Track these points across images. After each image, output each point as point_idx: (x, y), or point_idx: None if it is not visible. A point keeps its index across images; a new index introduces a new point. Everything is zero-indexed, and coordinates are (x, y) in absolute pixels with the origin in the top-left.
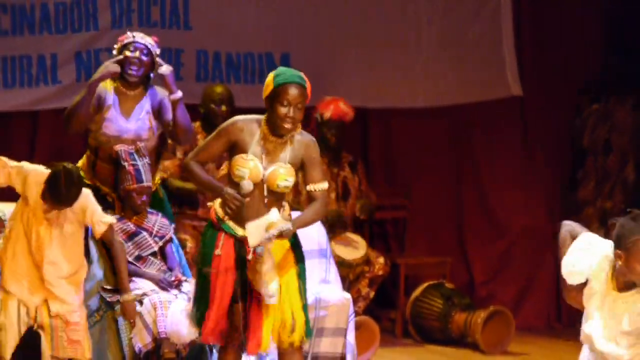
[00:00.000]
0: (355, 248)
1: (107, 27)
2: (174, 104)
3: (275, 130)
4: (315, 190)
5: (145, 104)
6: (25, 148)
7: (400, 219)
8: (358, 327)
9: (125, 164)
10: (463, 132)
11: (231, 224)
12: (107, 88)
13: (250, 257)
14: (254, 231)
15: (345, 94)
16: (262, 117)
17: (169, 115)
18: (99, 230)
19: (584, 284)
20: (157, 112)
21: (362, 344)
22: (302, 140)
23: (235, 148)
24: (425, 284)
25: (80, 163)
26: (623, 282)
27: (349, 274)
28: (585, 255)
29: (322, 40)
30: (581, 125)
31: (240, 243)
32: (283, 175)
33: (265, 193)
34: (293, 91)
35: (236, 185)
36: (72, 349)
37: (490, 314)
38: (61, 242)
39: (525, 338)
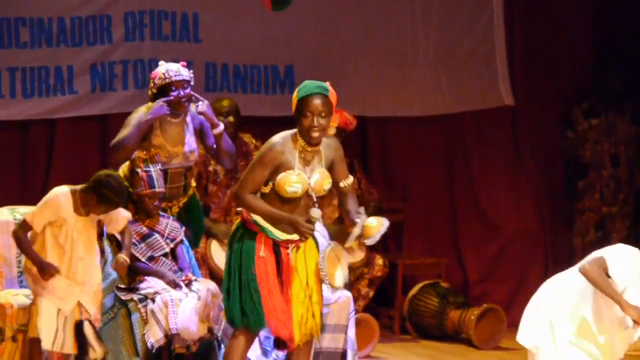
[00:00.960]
0: (356, 251)
1: (120, 41)
2: (218, 136)
3: (307, 140)
4: (347, 186)
5: (190, 128)
6: (43, 154)
7: (398, 222)
8: (358, 323)
9: (139, 170)
10: (457, 139)
11: (272, 228)
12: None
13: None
14: (355, 233)
15: (346, 103)
16: (294, 131)
17: (211, 140)
18: (122, 225)
19: None
20: (199, 132)
21: (362, 339)
22: (329, 143)
23: (279, 169)
24: (422, 283)
25: (121, 172)
26: None
27: (349, 275)
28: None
29: (324, 53)
30: (577, 138)
31: (277, 246)
32: (326, 180)
33: (315, 200)
34: (315, 101)
35: (283, 201)
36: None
37: (483, 312)
38: (90, 244)
39: (516, 334)
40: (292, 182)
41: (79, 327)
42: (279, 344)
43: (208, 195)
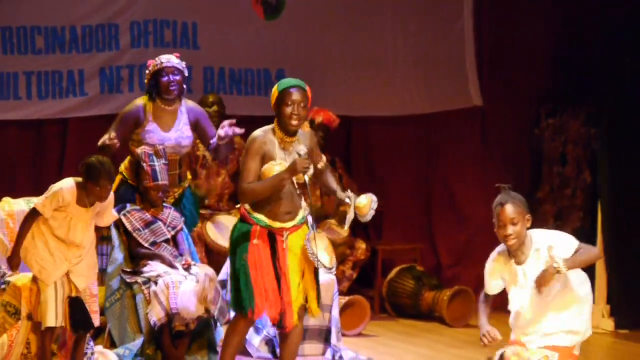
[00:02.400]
0: (337, 231)
1: (127, 47)
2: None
3: (286, 130)
4: (323, 165)
5: (183, 117)
6: (56, 150)
7: (378, 211)
8: (352, 304)
9: (144, 164)
10: (432, 136)
11: (265, 218)
12: (145, 107)
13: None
14: (351, 215)
15: (332, 104)
16: (272, 125)
17: (211, 133)
18: (112, 219)
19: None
20: (195, 125)
21: (355, 319)
22: (303, 134)
23: (264, 158)
24: (399, 267)
25: (121, 168)
26: (514, 254)
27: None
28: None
29: (313, 59)
30: (539, 136)
31: (272, 234)
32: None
33: (296, 185)
34: (295, 92)
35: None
36: (94, 318)
37: (455, 293)
38: (87, 233)
39: None
40: (276, 171)
41: (72, 302)
42: (279, 324)
43: (198, 177)
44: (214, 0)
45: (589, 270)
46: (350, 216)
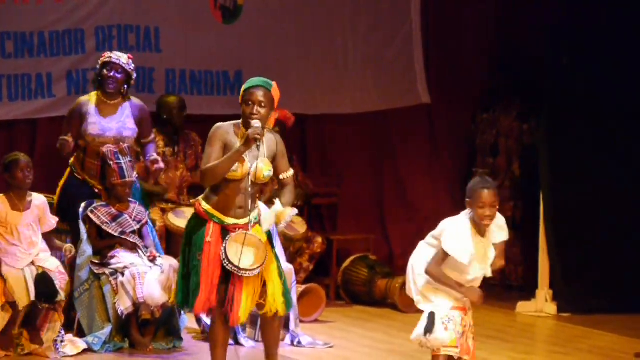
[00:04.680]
0: (297, 226)
1: (92, 51)
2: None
3: (246, 127)
4: (287, 178)
5: (126, 109)
6: (26, 149)
7: (333, 204)
8: (308, 292)
9: (111, 162)
10: (383, 133)
11: (219, 215)
12: (89, 100)
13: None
14: (268, 218)
15: (287, 103)
16: (239, 121)
17: (147, 131)
18: (51, 226)
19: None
20: (139, 121)
21: (311, 306)
22: (272, 137)
23: (225, 149)
24: (354, 257)
25: (71, 161)
26: (479, 228)
27: (290, 247)
28: (458, 238)
29: (269, 60)
30: (475, 131)
31: (226, 230)
32: (266, 168)
33: (249, 184)
34: (255, 92)
35: (227, 182)
36: (61, 292)
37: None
38: (34, 230)
39: None
40: (234, 165)
41: (38, 277)
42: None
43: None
44: (176, 6)
45: (533, 256)
46: (269, 215)
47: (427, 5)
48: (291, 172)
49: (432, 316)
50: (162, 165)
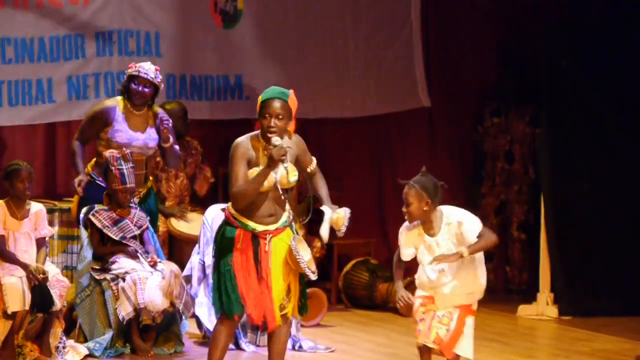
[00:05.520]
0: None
1: (92, 56)
2: (168, 148)
3: (267, 140)
4: (313, 168)
5: (150, 120)
6: (26, 154)
7: None
8: (309, 297)
9: (113, 167)
10: (383, 136)
11: (249, 222)
12: (117, 106)
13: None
14: (325, 228)
15: None
16: (255, 133)
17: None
18: (44, 234)
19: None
20: (159, 129)
21: (312, 311)
22: (293, 140)
23: (249, 164)
24: (354, 261)
25: (89, 168)
26: (428, 227)
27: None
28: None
29: (268, 65)
30: (483, 133)
31: (256, 237)
32: (291, 174)
33: (280, 192)
34: (273, 104)
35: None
36: (61, 303)
37: (407, 284)
38: (30, 238)
39: None
40: None
41: (34, 287)
42: (260, 325)
43: (159, 181)
44: (175, 10)
45: (534, 260)
46: (325, 227)
47: (427, 9)
48: (314, 161)
49: None
50: (170, 122)
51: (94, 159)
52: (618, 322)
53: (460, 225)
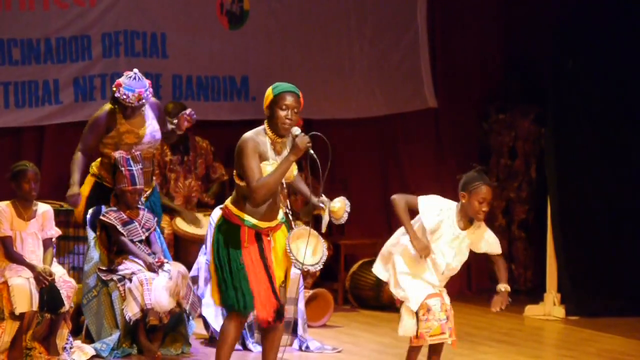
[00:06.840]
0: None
1: (99, 57)
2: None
3: (277, 132)
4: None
5: (149, 113)
6: (33, 156)
7: None
8: (316, 297)
9: (122, 168)
10: (389, 137)
11: (252, 219)
12: (115, 111)
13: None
14: (325, 220)
15: None
16: (261, 127)
17: (163, 123)
18: (51, 235)
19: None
20: (158, 118)
21: (319, 311)
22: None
23: (260, 159)
24: (361, 261)
25: (93, 171)
26: (464, 222)
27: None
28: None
29: (274, 65)
30: (488, 130)
31: (259, 234)
32: (294, 168)
33: (284, 185)
34: (290, 97)
35: None
36: (67, 301)
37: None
38: (37, 239)
39: None
40: (268, 170)
41: (42, 288)
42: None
43: (168, 182)
44: (182, 11)
45: (537, 258)
46: (325, 219)
47: (433, 10)
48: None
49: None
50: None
51: (99, 159)
52: (625, 323)
53: (486, 231)
